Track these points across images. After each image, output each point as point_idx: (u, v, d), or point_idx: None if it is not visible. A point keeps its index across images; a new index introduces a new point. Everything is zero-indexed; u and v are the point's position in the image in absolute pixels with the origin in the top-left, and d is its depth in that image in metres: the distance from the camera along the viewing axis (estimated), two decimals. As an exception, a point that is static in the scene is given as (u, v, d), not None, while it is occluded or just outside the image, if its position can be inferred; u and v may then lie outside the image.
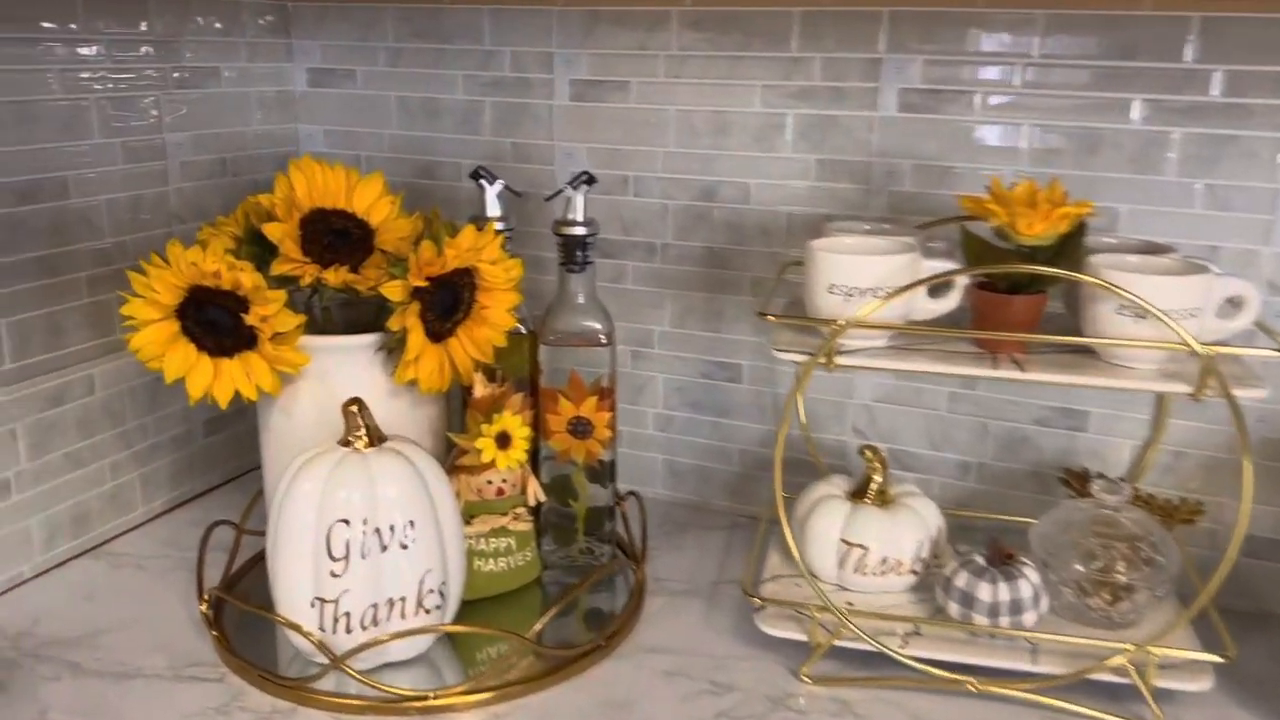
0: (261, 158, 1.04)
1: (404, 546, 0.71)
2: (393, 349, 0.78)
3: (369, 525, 0.70)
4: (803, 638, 0.76)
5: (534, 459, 0.86)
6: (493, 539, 0.81)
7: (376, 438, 0.73)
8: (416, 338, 0.76)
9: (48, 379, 0.85)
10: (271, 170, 1.05)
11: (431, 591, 0.72)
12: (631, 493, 0.93)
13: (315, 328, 0.80)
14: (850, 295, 0.69)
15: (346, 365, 0.79)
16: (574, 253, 0.83)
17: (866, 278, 0.69)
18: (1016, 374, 0.67)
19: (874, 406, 0.93)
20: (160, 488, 0.97)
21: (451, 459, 0.81)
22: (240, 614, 0.80)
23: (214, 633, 0.76)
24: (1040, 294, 0.69)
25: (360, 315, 0.86)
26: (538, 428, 0.85)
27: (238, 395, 0.76)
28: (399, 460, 0.72)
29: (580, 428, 0.84)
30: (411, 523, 0.71)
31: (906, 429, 0.93)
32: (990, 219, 0.68)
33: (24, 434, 0.83)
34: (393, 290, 0.75)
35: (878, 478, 0.81)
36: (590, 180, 0.82)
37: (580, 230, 0.82)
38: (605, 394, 0.84)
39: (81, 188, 0.86)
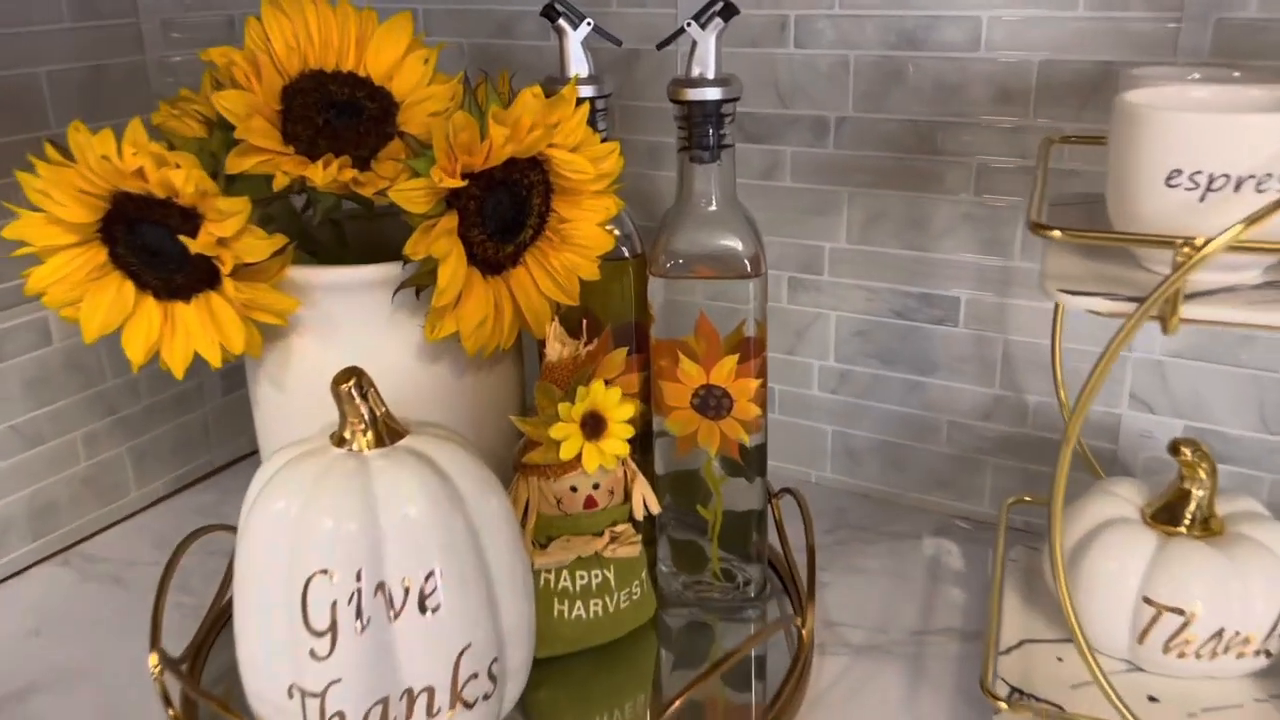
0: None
1: (426, 610, 0.44)
2: (424, 287, 0.51)
3: (367, 578, 0.43)
4: (1081, 765, 0.46)
5: (645, 444, 0.58)
6: (581, 571, 0.54)
7: (388, 431, 0.46)
8: (453, 268, 0.48)
9: (-25, 327, 0.61)
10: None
11: (475, 677, 0.46)
12: (787, 490, 0.64)
13: (321, 256, 0.54)
14: (1213, 189, 0.37)
15: (361, 313, 0.52)
16: (702, 131, 0.53)
17: (1248, 155, 0.37)
18: None
19: (1168, 364, 0.61)
20: (160, 463, 0.73)
21: (517, 454, 0.53)
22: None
23: (171, 711, 0.51)
24: None
25: (394, 237, 0.59)
26: (650, 400, 0.57)
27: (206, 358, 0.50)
28: (419, 468, 0.45)
29: (712, 402, 0.55)
30: (436, 573, 0.44)
31: (1220, 397, 0.60)
32: None
33: (-56, 404, 0.60)
34: (410, 195, 0.47)
35: (1200, 491, 0.49)
36: (728, 11, 0.51)
37: (713, 93, 0.52)
38: (751, 350, 0.55)
39: (13, 55, 0.60)
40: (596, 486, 0.53)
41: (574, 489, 0.53)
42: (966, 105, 0.61)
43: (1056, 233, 0.39)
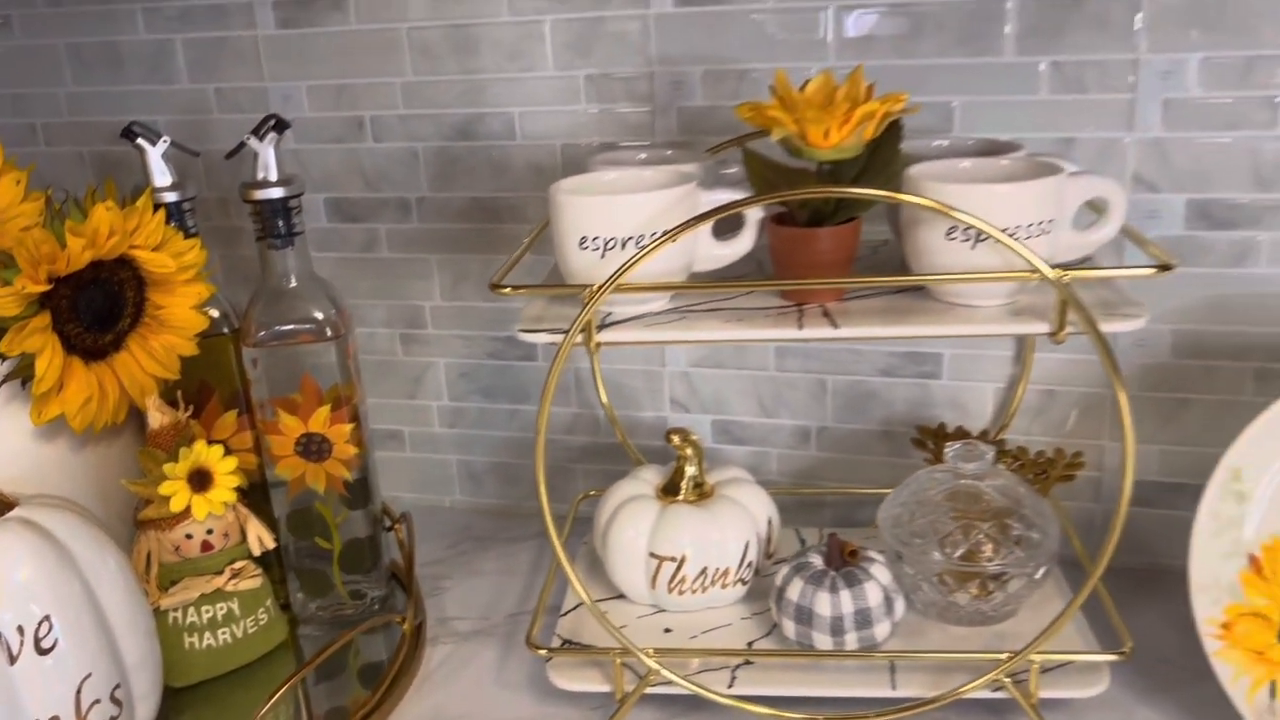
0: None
1: (42, 651, 0.52)
2: (29, 378, 0.58)
3: (-15, 632, 0.51)
4: (608, 688, 0.60)
5: (265, 492, 0.68)
6: (206, 606, 0.63)
7: (-3, 505, 0.54)
8: (48, 359, 0.57)
9: None
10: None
11: (98, 702, 0.54)
12: (404, 515, 0.75)
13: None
14: (610, 248, 0.52)
15: (-27, 407, 0.59)
16: (273, 223, 0.64)
17: (625, 224, 0.52)
18: (827, 331, 0.51)
19: (692, 373, 0.77)
20: None
21: (135, 513, 0.62)
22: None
23: None
24: (850, 222, 0.53)
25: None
26: (262, 453, 0.67)
27: None
28: (27, 534, 0.53)
29: (314, 447, 0.66)
30: (48, 618, 0.52)
31: (733, 395, 0.77)
32: (775, 130, 0.51)
33: None
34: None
35: (690, 468, 0.65)
36: (280, 125, 0.62)
37: (276, 192, 0.63)
38: (343, 399, 0.66)
39: None
40: (210, 532, 0.62)
41: (189, 536, 0.62)
42: (514, 182, 0.76)
43: (507, 290, 0.53)
